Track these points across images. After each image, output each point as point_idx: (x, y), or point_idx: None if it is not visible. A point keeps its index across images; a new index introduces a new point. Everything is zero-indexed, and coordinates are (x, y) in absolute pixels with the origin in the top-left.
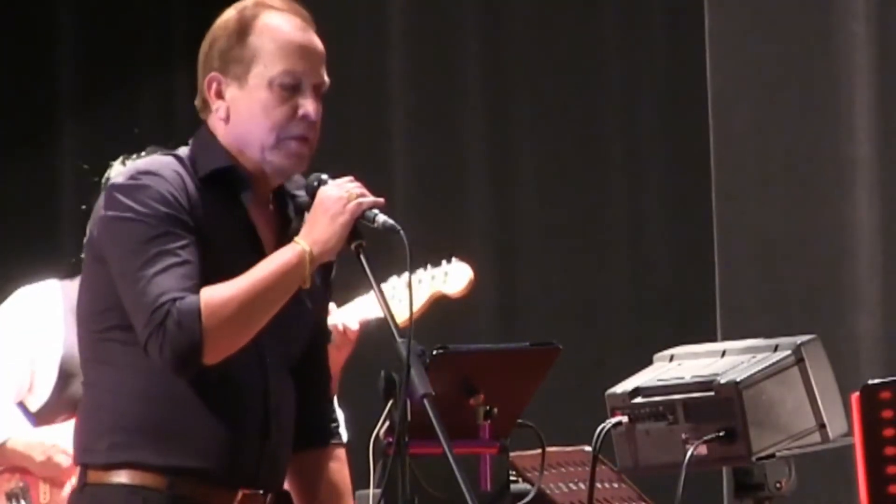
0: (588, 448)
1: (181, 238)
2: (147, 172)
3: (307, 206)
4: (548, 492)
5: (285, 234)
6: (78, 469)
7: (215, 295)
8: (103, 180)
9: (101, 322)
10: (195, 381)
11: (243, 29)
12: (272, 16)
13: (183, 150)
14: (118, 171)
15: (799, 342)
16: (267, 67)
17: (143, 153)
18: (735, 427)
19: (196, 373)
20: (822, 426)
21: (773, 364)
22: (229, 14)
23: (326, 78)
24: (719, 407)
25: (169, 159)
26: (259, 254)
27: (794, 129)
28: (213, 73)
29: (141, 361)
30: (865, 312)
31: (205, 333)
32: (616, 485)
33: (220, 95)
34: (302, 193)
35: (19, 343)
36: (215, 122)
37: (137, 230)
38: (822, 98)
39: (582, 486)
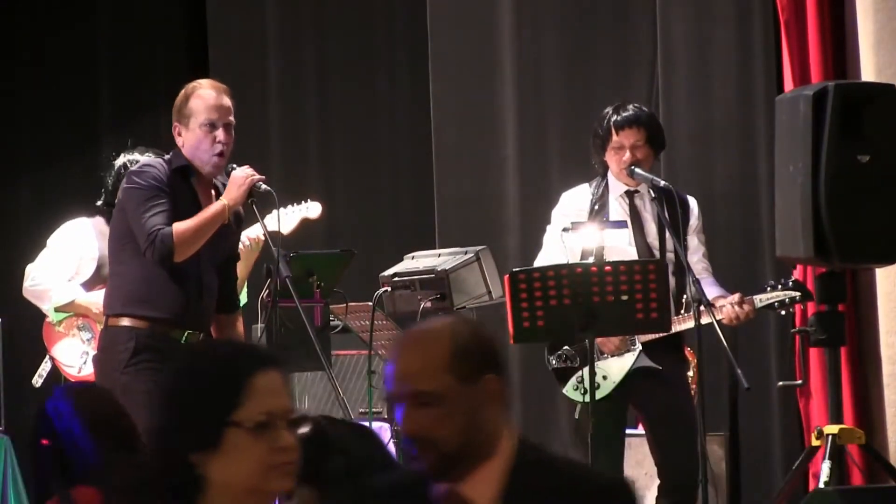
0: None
1: (163, 198)
2: (147, 165)
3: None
4: (351, 325)
5: (216, 200)
6: (104, 317)
7: (181, 227)
8: (117, 164)
9: (121, 241)
10: (165, 272)
11: (186, 98)
12: (199, 90)
13: (166, 156)
14: (122, 161)
15: (478, 249)
16: (198, 118)
17: (135, 150)
18: (445, 293)
19: (169, 266)
20: (489, 292)
21: (464, 260)
22: (182, 90)
23: (232, 118)
24: (437, 282)
25: (159, 160)
26: (199, 208)
27: None
28: (175, 123)
29: (139, 261)
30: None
31: (175, 246)
32: (384, 322)
33: (178, 134)
34: (226, 181)
35: (69, 248)
36: (179, 144)
37: (141, 193)
38: None
39: (366, 322)
